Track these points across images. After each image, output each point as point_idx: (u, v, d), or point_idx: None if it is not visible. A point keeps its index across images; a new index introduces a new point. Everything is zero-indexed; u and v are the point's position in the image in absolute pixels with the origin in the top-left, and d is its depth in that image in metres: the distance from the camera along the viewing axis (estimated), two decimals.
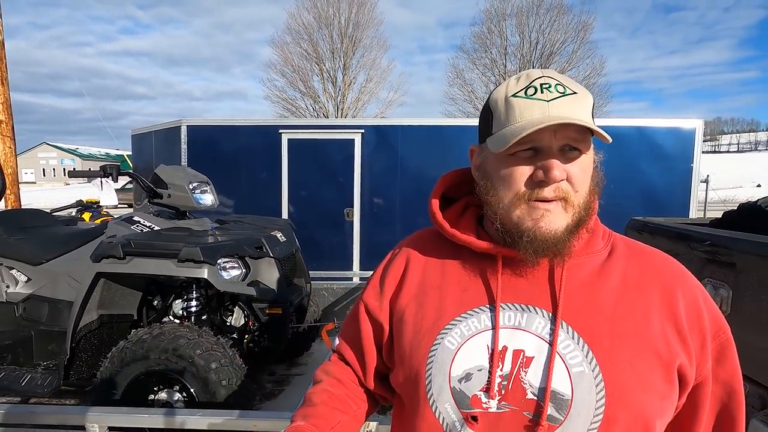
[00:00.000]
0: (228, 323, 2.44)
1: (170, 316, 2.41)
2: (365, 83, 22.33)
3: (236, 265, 2.22)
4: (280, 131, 5.42)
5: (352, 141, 5.34)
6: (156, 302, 2.49)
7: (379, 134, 5.36)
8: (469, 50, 22.07)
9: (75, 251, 2.43)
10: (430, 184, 0.81)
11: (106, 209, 7.56)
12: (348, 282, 4.04)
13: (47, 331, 2.37)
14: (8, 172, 4.26)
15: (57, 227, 2.72)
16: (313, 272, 3.07)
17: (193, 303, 2.32)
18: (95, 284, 2.12)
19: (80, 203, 6.56)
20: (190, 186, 2.41)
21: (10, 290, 2.40)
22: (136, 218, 2.42)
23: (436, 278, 0.71)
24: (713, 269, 2.03)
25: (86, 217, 6.50)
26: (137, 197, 6.36)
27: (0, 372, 2.16)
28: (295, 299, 2.55)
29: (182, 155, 5.45)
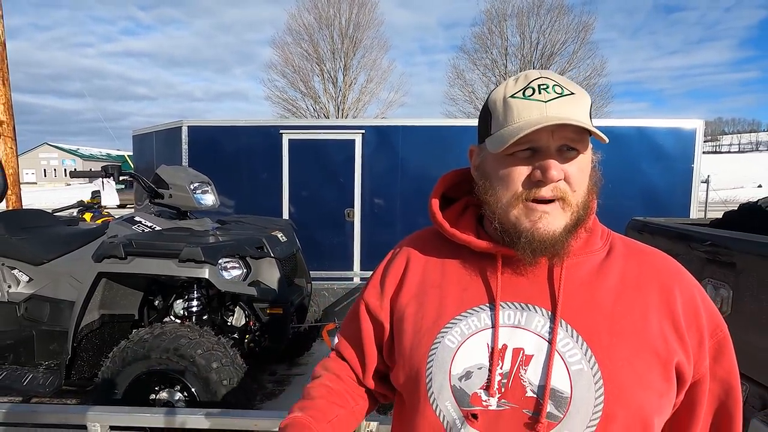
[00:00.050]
0: (229, 323, 2.45)
1: (171, 316, 2.41)
2: (366, 84, 22.37)
3: (237, 265, 2.22)
4: (281, 132, 5.42)
5: (353, 141, 5.35)
6: (157, 302, 2.49)
7: (380, 135, 5.37)
8: (470, 51, 22.09)
9: (76, 251, 2.43)
10: (431, 185, 0.81)
11: (107, 210, 7.56)
12: (348, 282, 4.04)
13: (49, 331, 2.37)
14: (9, 173, 4.27)
15: (58, 227, 2.73)
16: (314, 272, 3.07)
17: (194, 303, 2.32)
18: (97, 284, 2.13)
19: (81, 203, 6.57)
20: (192, 186, 2.42)
21: (12, 290, 2.41)
22: (138, 218, 2.42)
23: (437, 277, 0.71)
24: (713, 269, 2.03)
25: (87, 218, 6.50)
26: (138, 198, 6.37)
27: (2, 371, 2.16)
28: (296, 299, 2.55)
29: (183, 156, 5.46)
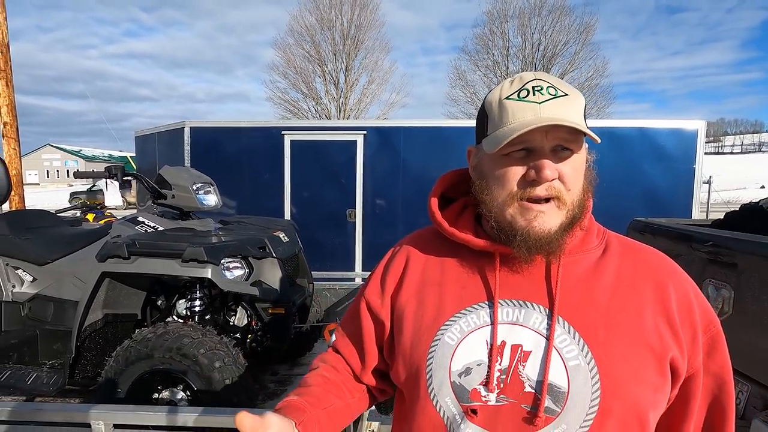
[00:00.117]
0: (231, 323, 2.45)
1: (174, 316, 2.42)
2: (367, 85, 22.37)
3: (239, 265, 2.23)
4: (283, 133, 5.44)
5: (354, 142, 5.36)
6: (160, 302, 2.50)
7: (381, 135, 5.38)
8: (471, 52, 22.04)
9: (80, 251, 2.45)
10: (432, 186, 0.82)
11: (109, 211, 7.59)
12: (350, 282, 4.05)
13: (52, 331, 2.39)
14: (13, 174, 4.29)
15: (62, 228, 2.74)
16: (316, 273, 3.08)
17: (197, 303, 2.33)
18: (100, 284, 2.14)
19: (84, 204, 6.60)
20: (194, 187, 2.43)
21: (16, 290, 2.42)
22: (141, 219, 2.43)
23: (436, 276, 0.72)
24: (715, 270, 2.03)
25: (90, 218, 6.54)
26: (140, 198, 6.39)
27: (6, 371, 2.18)
28: (298, 299, 2.56)
29: (185, 156, 5.48)
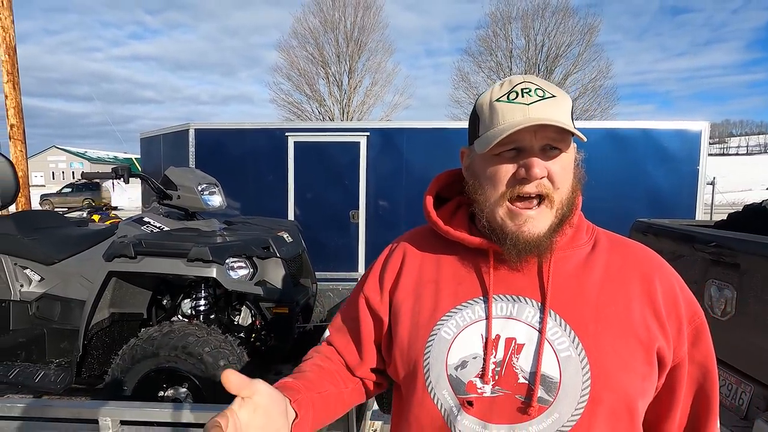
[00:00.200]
0: (235, 322, 2.47)
1: (179, 315, 2.44)
2: (371, 86, 22.44)
3: (244, 265, 2.25)
4: (287, 134, 5.47)
5: (358, 144, 5.39)
6: (165, 301, 2.53)
7: (385, 137, 5.40)
8: (475, 53, 22.08)
9: (87, 251, 2.48)
10: None
11: (114, 212, 7.65)
12: (353, 283, 4.06)
13: (60, 330, 2.42)
14: (19, 175, 4.34)
15: (69, 228, 2.77)
16: (319, 273, 3.10)
17: (202, 302, 2.35)
18: (107, 283, 2.16)
19: (90, 205, 6.66)
20: (199, 188, 2.45)
21: (24, 289, 2.46)
22: (146, 219, 2.46)
23: (432, 273, 0.75)
24: (717, 270, 2.03)
25: (96, 219, 6.60)
26: (146, 199, 6.44)
27: (14, 369, 2.21)
28: (302, 299, 2.58)
29: (190, 158, 5.52)
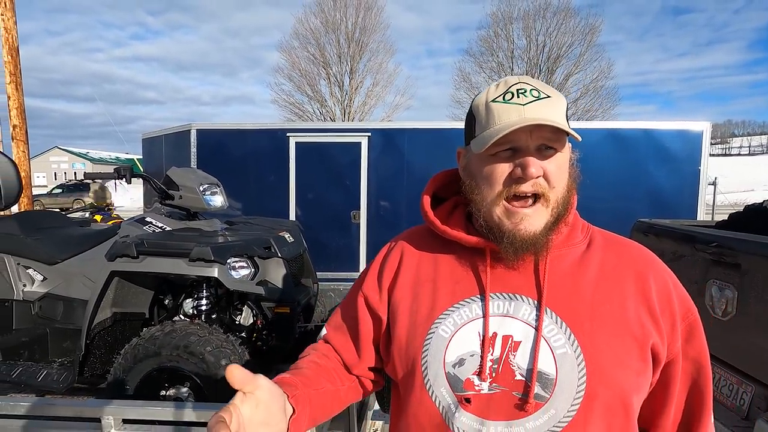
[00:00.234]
0: (237, 322, 2.48)
1: (181, 315, 2.45)
2: (372, 87, 22.48)
3: (245, 265, 2.26)
4: (288, 135, 5.49)
5: (359, 144, 5.40)
6: (167, 301, 2.53)
7: (386, 138, 5.41)
8: (476, 54, 22.12)
9: (89, 251, 2.48)
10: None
11: (116, 213, 7.68)
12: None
13: (62, 329, 2.43)
14: (22, 176, 4.35)
15: (71, 228, 2.78)
16: (320, 273, 3.10)
17: (204, 302, 2.36)
18: (109, 282, 2.17)
19: (92, 205, 6.67)
20: (201, 188, 2.46)
21: (27, 289, 2.47)
22: (148, 219, 2.47)
23: (430, 271, 0.75)
24: (718, 270, 2.03)
25: (98, 219, 6.62)
26: (148, 200, 6.46)
27: (17, 368, 2.22)
28: (303, 299, 2.58)
29: (192, 158, 5.54)
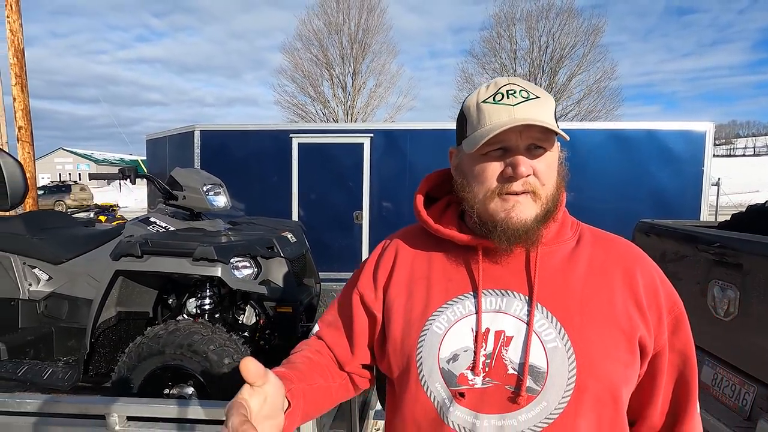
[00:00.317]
0: (240, 321, 2.50)
1: (184, 314, 2.47)
2: (375, 88, 22.47)
3: (248, 265, 2.27)
4: (291, 136, 5.51)
5: (361, 145, 5.42)
6: (171, 300, 2.55)
7: (388, 138, 5.43)
8: (479, 55, 22.08)
9: (94, 251, 2.51)
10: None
11: (120, 213, 7.73)
12: None
13: (67, 328, 2.45)
14: (27, 177, 4.39)
15: (76, 228, 2.81)
16: (323, 273, 3.12)
17: (207, 301, 2.37)
18: (114, 282, 2.19)
19: (96, 206, 6.72)
20: (204, 188, 2.49)
21: (33, 288, 2.49)
22: (152, 219, 2.50)
23: (424, 269, 0.77)
24: (721, 271, 2.03)
25: (102, 219, 6.66)
26: (151, 201, 6.50)
27: (23, 366, 2.24)
28: (305, 299, 2.60)
29: (195, 159, 5.57)
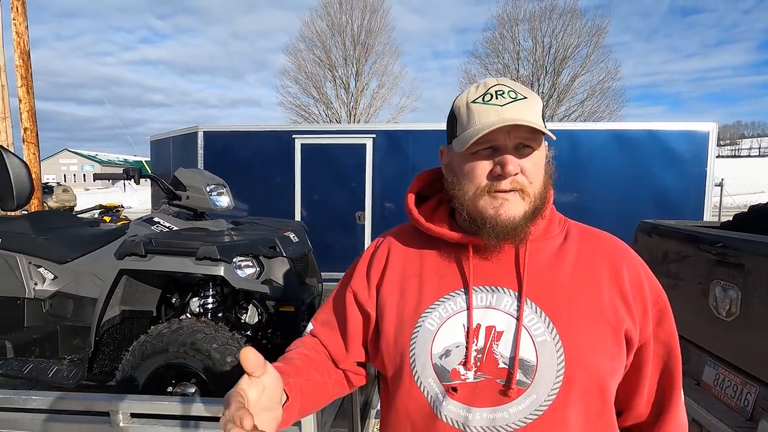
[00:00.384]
0: (242, 320, 2.51)
1: (187, 313, 2.49)
2: (377, 89, 22.47)
3: (251, 264, 2.29)
4: (293, 136, 5.54)
5: (364, 146, 5.43)
6: (174, 300, 2.58)
7: (390, 139, 5.44)
8: (482, 55, 22.05)
9: (98, 251, 2.53)
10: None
11: (125, 214, 7.78)
12: None
13: (72, 327, 2.48)
14: (33, 178, 4.43)
15: (81, 228, 2.84)
16: (325, 273, 3.13)
17: (210, 300, 2.39)
18: (118, 281, 2.21)
19: (101, 206, 6.77)
20: (207, 188, 2.50)
21: (38, 287, 2.52)
22: (156, 219, 2.52)
23: (416, 267, 0.78)
24: (722, 271, 2.03)
25: (107, 220, 6.71)
26: (155, 201, 6.54)
27: (28, 364, 2.27)
28: (307, 298, 2.61)
29: (199, 160, 5.60)
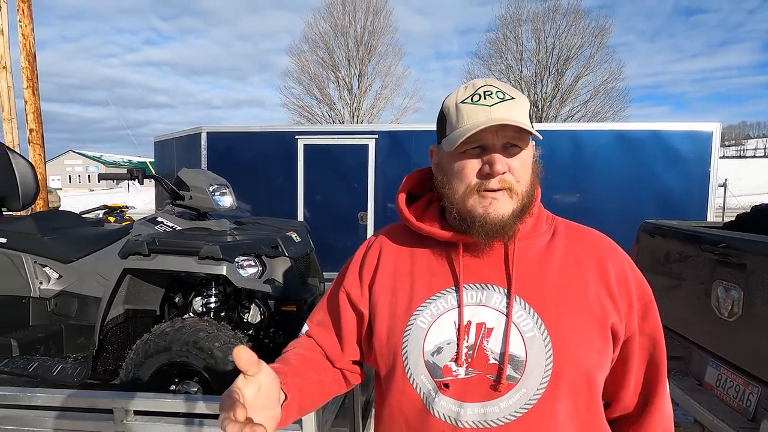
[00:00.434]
0: (245, 320, 2.53)
1: (190, 312, 2.51)
2: (380, 90, 22.48)
3: (253, 263, 2.31)
4: (296, 137, 5.55)
5: (366, 146, 5.44)
6: (177, 299, 2.59)
7: (393, 139, 5.45)
8: (485, 56, 22.01)
9: (103, 250, 2.56)
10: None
11: (129, 214, 7.82)
12: None
13: (76, 325, 2.50)
14: (38, 178, 4.47)
15: (86, 228, 2.86)
16: (327, 273, 3.14)
17: (212, 299, 2.41)
18: (122, 280, 2.24)
19: (105, 207, 6.81)
20: (211, 188, 2.52)
21: (43, 286, 2.55)
22: (160, 219, 2.54)
23: (407, 266, 0.79)
24: (724, 271, 2.03)
25: (111, 220, 6.75)
26: (159, 201, 6.58)
27: (33, 362, 2.29)
28: (309, 298, 2.63)
29: (202, 161, 5.63)
